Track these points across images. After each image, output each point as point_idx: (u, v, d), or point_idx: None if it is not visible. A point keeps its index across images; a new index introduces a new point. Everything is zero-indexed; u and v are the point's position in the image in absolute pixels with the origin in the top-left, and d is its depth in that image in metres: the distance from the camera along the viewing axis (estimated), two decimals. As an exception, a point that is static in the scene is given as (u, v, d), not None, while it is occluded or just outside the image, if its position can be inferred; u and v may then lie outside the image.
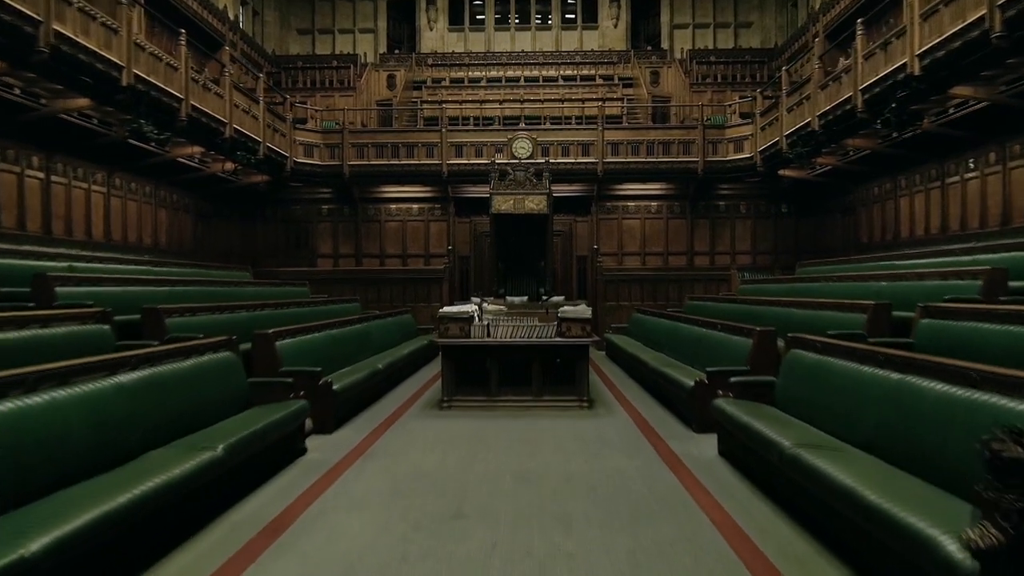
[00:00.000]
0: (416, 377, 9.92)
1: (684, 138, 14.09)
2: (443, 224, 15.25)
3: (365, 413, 7.09)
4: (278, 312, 9.46)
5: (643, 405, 7.53)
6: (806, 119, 10.77)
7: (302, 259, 15.22)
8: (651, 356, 8.69)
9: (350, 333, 8.73)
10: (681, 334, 8.79)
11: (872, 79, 8.69)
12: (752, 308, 9.54)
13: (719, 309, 10.99)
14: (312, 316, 10.37)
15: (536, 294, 12.80)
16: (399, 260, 15.27)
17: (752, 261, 14.96)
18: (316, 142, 14.16)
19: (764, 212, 15.05)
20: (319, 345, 7.35)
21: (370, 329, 9.78)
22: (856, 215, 13.01)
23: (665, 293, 14.17)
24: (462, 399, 7.31)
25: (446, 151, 14.17)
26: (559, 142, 14.33)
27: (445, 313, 7.53)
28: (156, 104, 8.60)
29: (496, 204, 12.01)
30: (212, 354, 5.11)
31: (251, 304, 8.82)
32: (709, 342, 7.42)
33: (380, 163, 14.21)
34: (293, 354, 6.58)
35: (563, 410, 7.13)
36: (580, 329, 7.41)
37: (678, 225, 15.10)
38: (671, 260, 15.06)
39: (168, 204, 12.37)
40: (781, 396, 5.13)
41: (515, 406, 7.21)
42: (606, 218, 15.15)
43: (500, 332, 7.43)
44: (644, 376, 8.70)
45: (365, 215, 15.25)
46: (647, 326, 11.11)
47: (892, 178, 11.66)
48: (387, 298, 14.19)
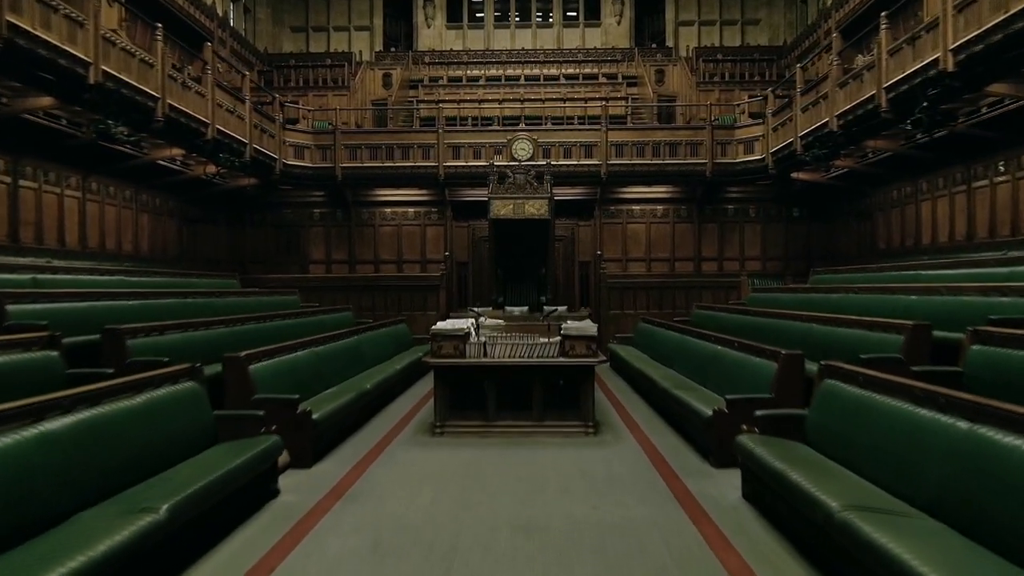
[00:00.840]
0: (410, 393, 9.33)
1: (692, 139, 13.48)
2: (440, 229, 14.66)
3: (351, 440, 6.49)
4: (262, 326, 8.86)
5: (652, 429, 6.93)
6: (823, 119, 10.16)
7: (293, 265, 14.62)
8: (660, 374, 8.09)
9: (338, 349, 8.13)
10: (692, 349, 8.19)
11: (898, 76, 8.08)
12: (767, 322, 8.94)
13: (731, 321, 10.39)
14: (299, 330, 9.78)
15: (537, 303, 12.22)
16: (394, 266, 14.67)
17: (762, 267, 14.35)
18: (307, 143, 13.56)
19: (774, 216, 14.44)
20: (301, 365, 6.76)
21: (361, 343, 9.19)
22: (873, 220, 12.40)
23: (672, 301, 13.57)
24: (456, 424, 6.71)
25: (443, 153, 13.57)
26: (561, 143, 13.73)
27: (438, 330, 6.93)
28: (128, 103, 8.00)
29: (495, 209, 11.41)
30: (171, 386, 4.52)
31: (231, 319, 8.22)
32: (724, 362, 6.82)
33: (374, 165, 13.60)
34: (270, 378, 5.98)
35: (566, 437, 6.53)
36: (585, 347, 6.81)
37: (685, 230, 14.49)
38: (678, 266, 14.46)
39: (150, 208, 11.78)
40: (815, 433, 4.53)
41: (514, 432, 6.61)
42: (610, 222, 14.55)
43: (498, 351, 6.84)
44: (653, 395, 8.10)
45: (359, 219, 14.65)
46: (655, 338, 10.51)
47: (913, 181, 11.05)
48: (381, 306, 13.59)
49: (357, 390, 6.96)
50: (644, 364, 9.29)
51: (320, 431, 5.70)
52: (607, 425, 7.14)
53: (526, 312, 11.00)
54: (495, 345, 6.86)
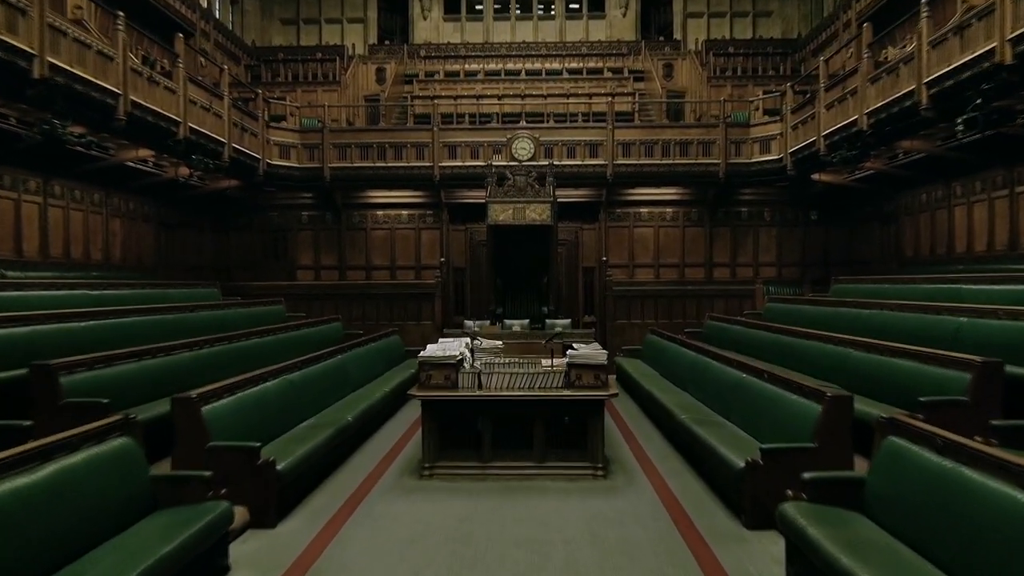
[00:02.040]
0: (399, 417, 8.53)
1: (704, 137, 12.64)
2: (435, 232, 13.83)
3: (326, 485, 5.67)
4: (236, 347, 8.05)
5: (669, 470, 6.12)
6: (851, 117, 9.32)
7: (280, 271, 13.80)
8: (675, 400, 7.28)
9: (319, 373, 7.32)
10: (710, 373, 7.36)
11: (942, 70, 7.24)
12: (793, 342, 8.12)
13: (749, 338, 9.57)
14: (279, 349, 8.98)
15: (538, 314, 11.41)
16: (387, 272, 13.86)
17: (777, 274, 13.53)
18: (293, 142, 12.73)
19: (791, 220, 13.60)
20: (271, 399, 5.94)
21: (346, 363, 8.38)
22: (899, 225, 11.57)
23: (682, 310, 12.75)
24: (447, 466, 5.90)
25: (438, 152, 12.74)
26: (564, 142, 12.90)
27: (427, 358, 6.12)
28: (83, 100, 7.18)
29: (493, 214, 10.59)
30: (95, 447, 3.71)
31: (200, 340, 7.40)
32: (751, 393, 5.99)
33: (364, 165, 12.77)
34: (231, 418, 5.16)
35: (572, 480, 5.73)
36: (593, 378, 6.00)
37: (696, 234, 13.66)
38: (688, 272, 13.63)
39: (123, 213, 10.96)
40: (879, 505, 3.71)
41: (513, 475, 5.81)
42: (616, 226, 13.72)
43: (495, 381, 6.02)
44: (667, 426, 7.28)
45: (349, 223, 13.83)
46: (666, 354, 9.69)
47: (945, 184, 10.21)
48: (372, 316, 12.78)
49: (335, 425, 6.14)
50: (655, 385, 8.48)
51: (287, 482, 4.89)
52: (617, 462, 6.34)
53: (526, 326, 10.19)
54: (491, 375, 6.05)
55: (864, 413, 5.27)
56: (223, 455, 4.73)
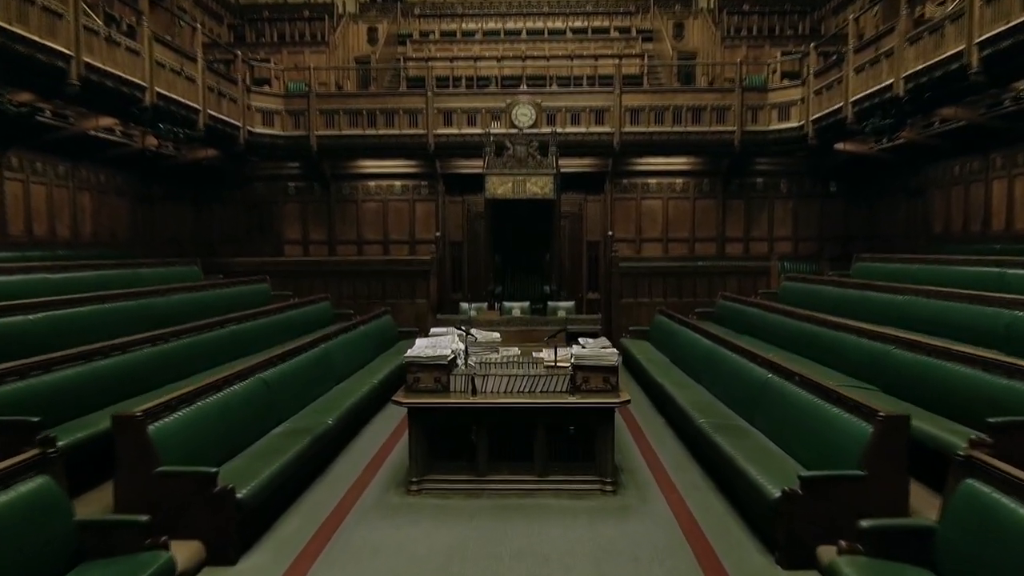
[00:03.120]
0: (388, 413, 7.84)
1: (718, 103, 11.76)
2: (430, 204, 13.04)
3: (300, 504, 5.03)
4: (209, 337, 7.36)
5: (686, 481, 5.47)
6: (885, 81, 8.46)
7: (267, 246, 13.06)
8: (690, 398, 6.61)
9: (297, 368, 6.64)
10: (729, 367, 6.68)
11: (999, 28, 6.38)
12: (818, 332, 7.41)
13: (767, 323, 8.87)
14: (259, 337, 8.31)
15: (539, 294, 10.71)
16: (379, 247, 13.11)
17: (793, 249, 12.77)
18: (277, 108, 11.87)
19: (809, 191, 12.79)
20: (239, 404, 5.25)
21: (331, 352, 7.69)
22: (927, 198, 10.77)
23: (692, 289, 12.02)
24: (437, 480, 5.25)
25: (432, 119, 11.88)
26: (568, 108, 12.03)
27: (414, 358, 5.43)
28: (25, 63, 6.36)
29: (491, 187, 9.81)
30: (0, 493, 3.04)
31: (167, 333, 6.70)
32: (779, 398, 5.31)
33: (354, 133, 11.93)
34: (187, 433, 4.48)
35: (578, 497, 5.09)
36: (602, 381, 5.32)
37: (707, 206, 12.87)
38: (698, 247, 12.88)
39: (93, 186, 10.18)
40: (952, 562, 3.05)
41: (511, 491, 5.17)
42: (622, 198, 12.92)
43: (491, 385, 5.34)
44: (682, 426, 6.63)
45: (339, 194, 13.03)
46: (677, 338, 9.02)
47: (983, 155, 9.40)
48: (364, 294, 12.07)
49: (312, 432, 5.48)
50: (666, 376, 7.81)
51: (249, 511, 4.23)
52: (627, 471, 5.70)
53: (527, 309, 9.49)
54: (487, 376, 5.37)
55: (914, 428, 4.60)
56: (174, 482, 4.07)
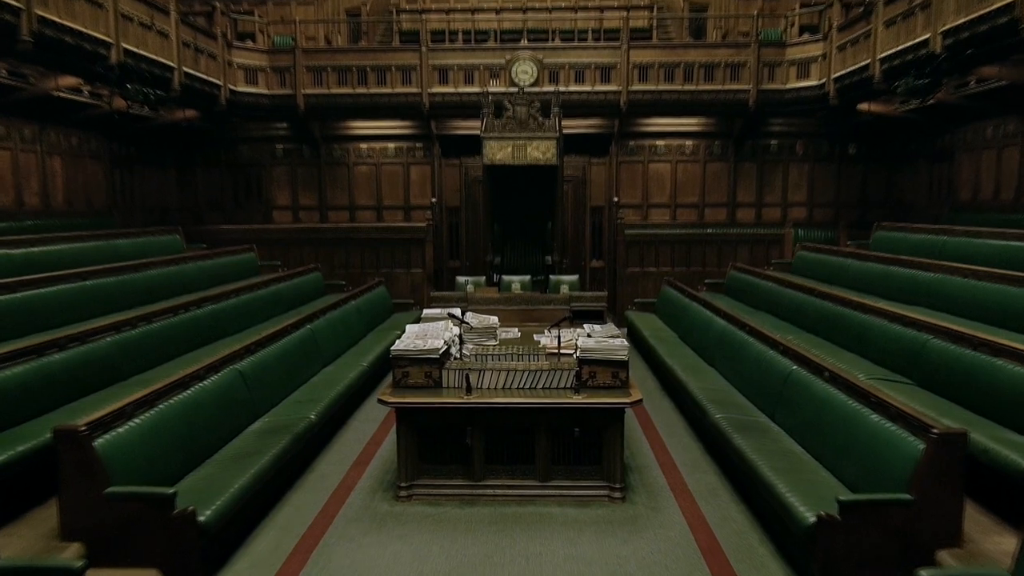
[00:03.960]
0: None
1: (732, 59, 10.99)
2: (426, 168, 12.37)
3: (276, 514, 4.56)
4: (185, 319, 6.81)
5: (702, 485, 4.99)
6: (920, 36, 7.73)
7: (255, 212, 12.44)
8: (702, 385, 6.11)
9: (281, 353, 6.12)
10: (747, 353, 6.16)
11: (1059, -25, 5.69)
12: (841, 313, 6.84)
13: (783, 299, 8.31)
14: (241, 317, 7.79)
15: (540, 265, 10.15)
16: (372, 213, 12.49)
17: (808, 215, 12.14)
18: (261, 65, 11.11)
19: (825, 154, 12.09)
20: (209, 402, 4.74)
21: (318, 332, 7.18)
22: (954, 163, 10.10)
23: (701, 258, 11.46)
24: (428, 485, 4.78)
25: (427, 76, 11.13)
26: (571, 64, 11.26)
27: (402, 352, 4.91)
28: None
29: (489, 152, 9.16)
30: None
31: (136, 318, 6.14)
32: (807, 396, 4.78)
33: (343, 92, 11.20)
34: (144, 445, 3.97)
35: (583, 505, 4.62)
36: (611, 376, 4.80)
37: (718, 170, 12.19)
38: (708, 213, 12.25)
39: (64, 150, 9.52)
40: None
41: (511, 498, 4.70)
42: (628, 161, 12.24)
43: (488, 380, 4.83)
44: (691, 414, 6.14)
45: (329, 157, 12.35)
46: (687, 315, 8.49)
47: (1019, 117, 8.71)
48: (357, 263, 11.51)
49: (292, 430, 4.98)
50: (676, 357, 7.32)
51: (214, 534, 3.75)
52: (636, 470, 5.23)
53: (528, 284, 8.93)
54: (483, 371, 4.85)
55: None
56: (126, 505, 3.58)
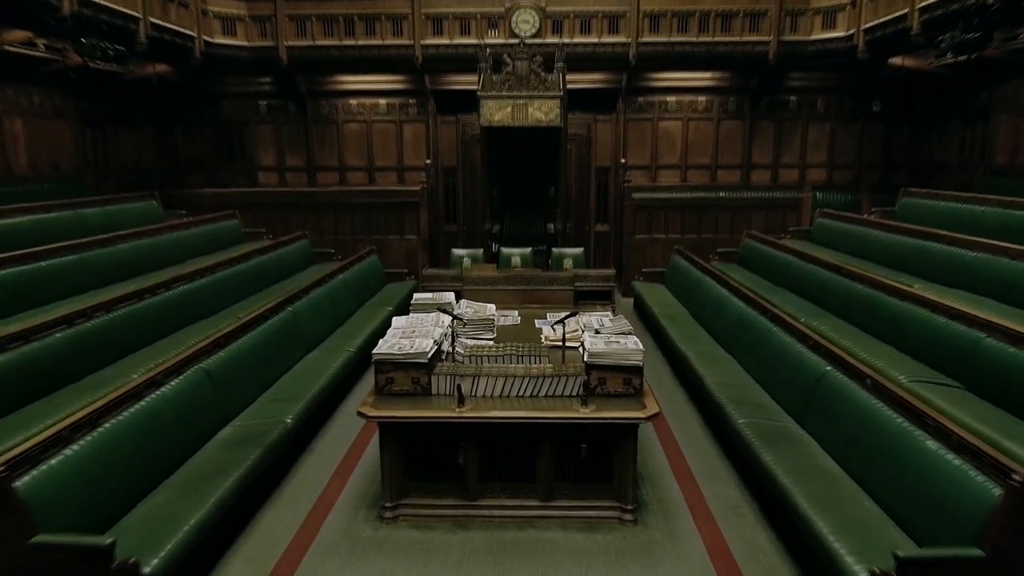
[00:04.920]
0: (365, 387, 6.81)
1: (752, 7, 10.10)
2: (420, 126, 11.58)
3: (243, 541, 4.06)
4: (151, 304, 6.19)
5: (722, 501, 4.48)
6: (968, -16, 6.93)
7: (239, 173, 11.71)
8: (720, 380, 5.55)
9: (256, 344, 5.55)
10: (769, 342, 5.58)
11: None
12: (871, 296, 6.19)
13: (803, 275, 7.68)
14: (218, 297, 7.18)
15: (542, 234, 9.51)
16: (364, 174, 11.76)
17: (827, 178, 11.41)
18: (239, 14, 10.23)
19: (848, 112, 11.27)
20: (167, 412, 4.17)
21: (300, 315, 6.59)
22: (990, 123, 9.33)
23: (713, 224, 10.78)
24: (417, 505, 4.26)
25: (419, 27, 10.26)
26: (576, 13, 10.38)
27: (386, 355, 4.32)
28: None
29: (487, 112, 8.41)
30: None
31: (93, 307, 5.52)
32: (842, 401, 4.22)
33: (329, 44, 10.34)
34: (80, 479, 3.41)
35: (591, 529, 4.11)
36: (622, 384, 4.23)
37: (732, 128, 11.40)
38: (720, 175, 11.51)
39: (25, 110, 8.76)
40: None
41: (509, 519, 4.20)
42: (637, 118, 11.44)
43: (483, 387, 4.26)
44: (707, 409, 5.59)
45: (317, 114, 11.54)
46: (700, 289, 7.91)
47: (1070, 74, 7.95)
48: (347, 229, 10.86)
49: (265, 441, 4.43)
50: (688, 341, 6.76)
51: (166, 582, 3.23)
52: (648, 479, 4.72)
53: (528, 258, 8.29)
54: (478, 377, 4.27)
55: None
56: (55, 556, 3.05)
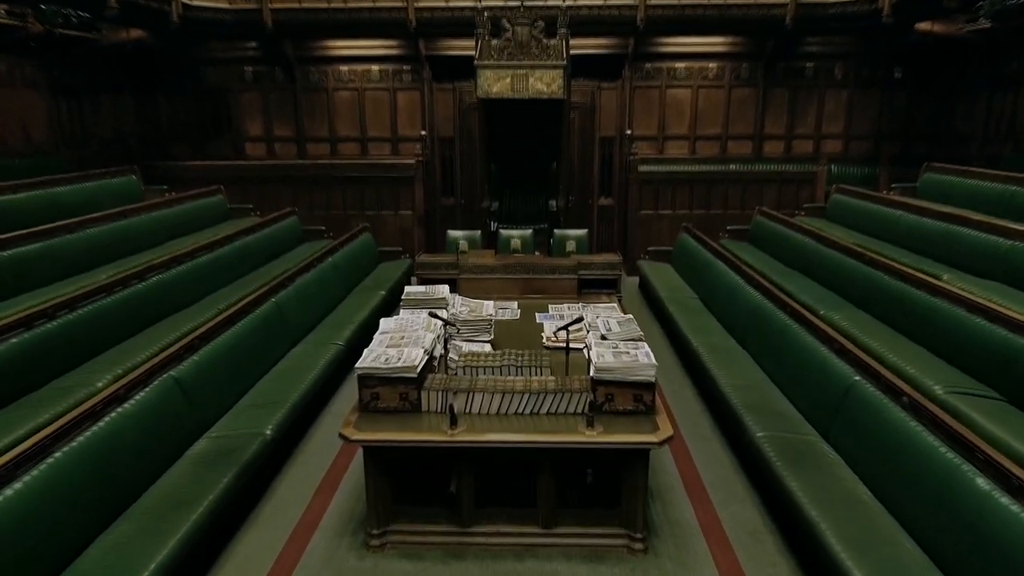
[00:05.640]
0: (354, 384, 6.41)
1: (769, -33, 9.44)
2: (415, 94, 10.98)
3: (214, 574, 3.71)
4: (126, 295, 5.75)
5: (740, 523, 4.12)
6: (1013, -59, 6.33)
7: (225, 144, 11.15)
8: (736, 382, 5.17)
9: (234, 343, 5.14)
10: (789, 342, 5.17)
11: None
12: (895, 288, 5.71)
13: (819, 259, 7.22)
14: (197, 286, 6.74)
15: (543, 212, 9.03)
16: (356, 145, 11.20)
17: (843, 149, 10.85)
18: (219, -26, 9.58)
19: (867, 80, 10.65)
20: (129, 431, 3.77)
21: (285, 305, 6.18)
22: (1020, 94, 8.77)
23: (723, 199, 10.27)
24: (406, 532, 3.90)
25: (413, -12, 9.62)
26: (581, -27, 9.71)
27: (371, 369, 3.91)
28: None
29: (485, 83, 7.85)
30: None
31: (55, 305, 5.07)
32: (875, 419, 3.81)
33: (317, 7, 9.68)
34: (36, 509, 3.03)
35: (598, 559, 3.76)
36: (632, 400, 3.83)
37: (744, 96, 10.80)
38: (731, 147, 10.96)
39: (-9, 79, 8.21)
40: None
41: (506, 547, 3.83)
42: (644, 86, 10.83)
43: (478, 403, 3.86)
44: (721, 412, 5.20)
45: (306, 82, 10.93)
46: (710, 272, 7.49)
47: (1114, 42, 7.37)
48: (339, 203, 10.37)
49: (241, 458, 4.05)
50: (698, 332, 6.37)
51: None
52: (657, 496, 4.35)
53: (529, 240, 7.83)
54: (472, 393, 3.86)
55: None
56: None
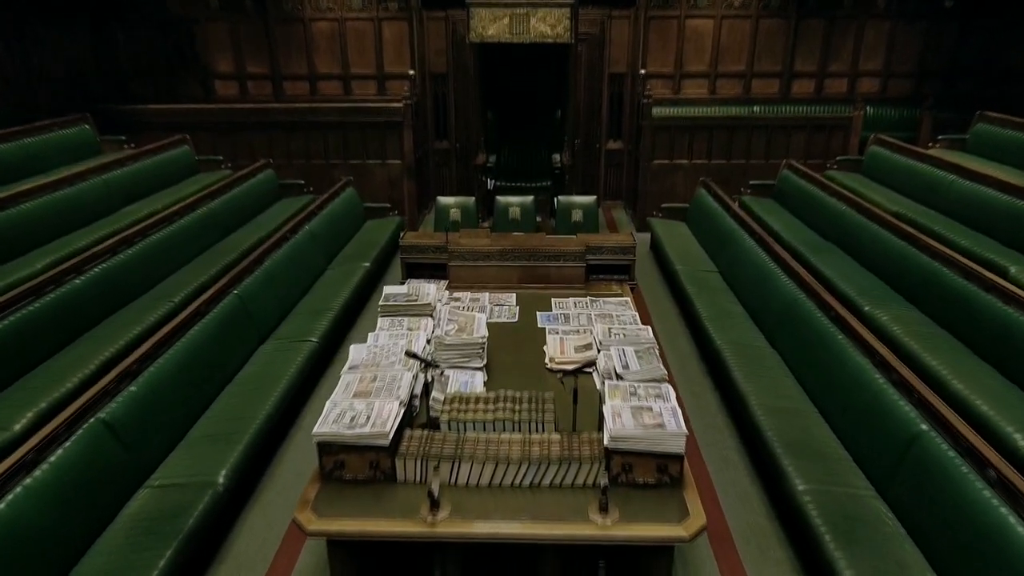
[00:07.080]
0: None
1: None
2: (402, 24, 9.77)
3: None
4: (59, 296, 4.96)
5: None
6: None
7: (192, 82, 10.04)
8: (766, 400, 4.48)
9: (188, 355, 4.41)
10: (835, 358, 4.43)
11: None
12: (958, 286, 4.85)
13: (860, 233, 6.36)
14: (161, 263, 5.94)
15: (546, 169, 8.10)
16: (339, 84, 10.08)
17: (881, 88, 9.75)
18: None
19: (912, 10, 9.43)
20: (46, 500, 3.09)
21: (249, 298, 5.41)
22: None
23: (745, 148, 9.25)
24: (383, 621, 3.27)
25: (397, -99, 8.30)
26: None
27: (332, 436, 3.16)
28: None
29: (479, 25, 6.77)
30: None
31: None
32: (949, 489, 3.11)
33: (286, -76, 8.42)
34: None
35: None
36: (655, 471, 3.11)
37: (773, 28, 9.60)
38: (755, 86, 9.85)
39: (-91, 16, 7.10)
40: None
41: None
42: (660, 16, 9.61)
43: (465, 474, 3.14)
44: (751, 438, 4.52)
45: (279, 10, 9.70)
46: (733, 243, 6.71)
47: None
48: (319, 152, 9.37)
49: (184, 523, 3.40)
50: (721, 322, 5.68)
51: None
52: (678, 555, 3.71)
53: (530, 207, 6.91)
54: (459, 462, 3.14)
55: None
56: None
